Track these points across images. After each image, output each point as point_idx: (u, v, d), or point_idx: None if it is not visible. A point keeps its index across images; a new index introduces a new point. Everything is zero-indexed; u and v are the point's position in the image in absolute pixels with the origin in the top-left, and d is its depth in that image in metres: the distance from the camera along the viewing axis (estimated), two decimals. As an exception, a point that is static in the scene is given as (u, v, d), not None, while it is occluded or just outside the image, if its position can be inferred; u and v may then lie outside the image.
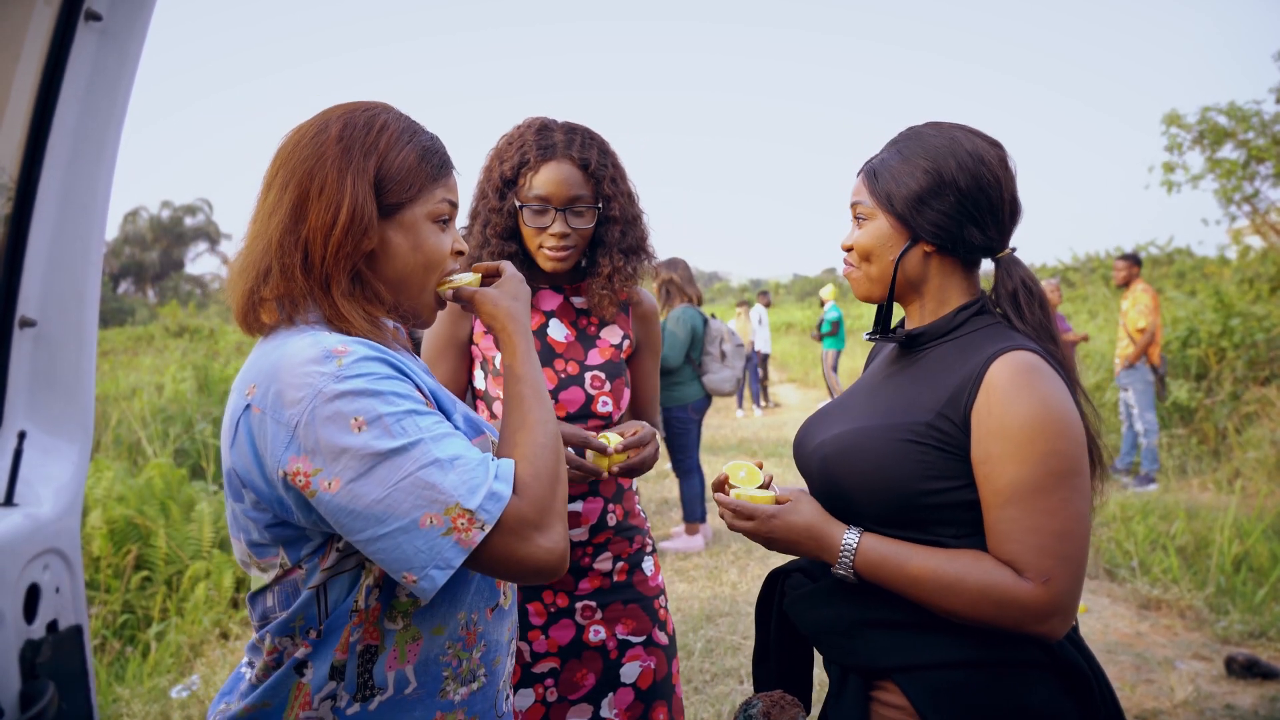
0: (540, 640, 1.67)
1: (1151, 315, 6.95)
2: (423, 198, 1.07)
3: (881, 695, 1.18)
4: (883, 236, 1.23)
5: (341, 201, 1.00)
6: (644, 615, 1.74)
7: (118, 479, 4.62)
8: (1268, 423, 6.94)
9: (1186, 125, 11.25)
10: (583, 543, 1.70)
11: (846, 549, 1.16)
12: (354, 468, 0.91)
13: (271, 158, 1.06)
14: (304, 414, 0.91)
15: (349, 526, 0.92)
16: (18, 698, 1.18)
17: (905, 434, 1.16)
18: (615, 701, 1.69)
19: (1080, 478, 1.10)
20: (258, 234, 1.03)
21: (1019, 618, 1.08)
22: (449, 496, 0.92)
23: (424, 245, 1.07)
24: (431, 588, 0.93)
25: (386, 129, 1.05)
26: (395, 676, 1.03)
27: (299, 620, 1.00)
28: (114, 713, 3.17)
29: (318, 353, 0.94)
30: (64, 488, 1.35)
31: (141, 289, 43.89)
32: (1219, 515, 5.02)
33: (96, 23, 1.34)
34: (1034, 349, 1.15)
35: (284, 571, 1.00)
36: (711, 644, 3.82)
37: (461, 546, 0.92)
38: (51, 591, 1.29)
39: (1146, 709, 3.17)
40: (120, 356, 12.94)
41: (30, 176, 1.33)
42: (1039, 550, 1.07)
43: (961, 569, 1.10)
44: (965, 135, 1.22)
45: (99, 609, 3.90)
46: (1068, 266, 18.03)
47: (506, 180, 1.65)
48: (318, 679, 1.00)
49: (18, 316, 1.34)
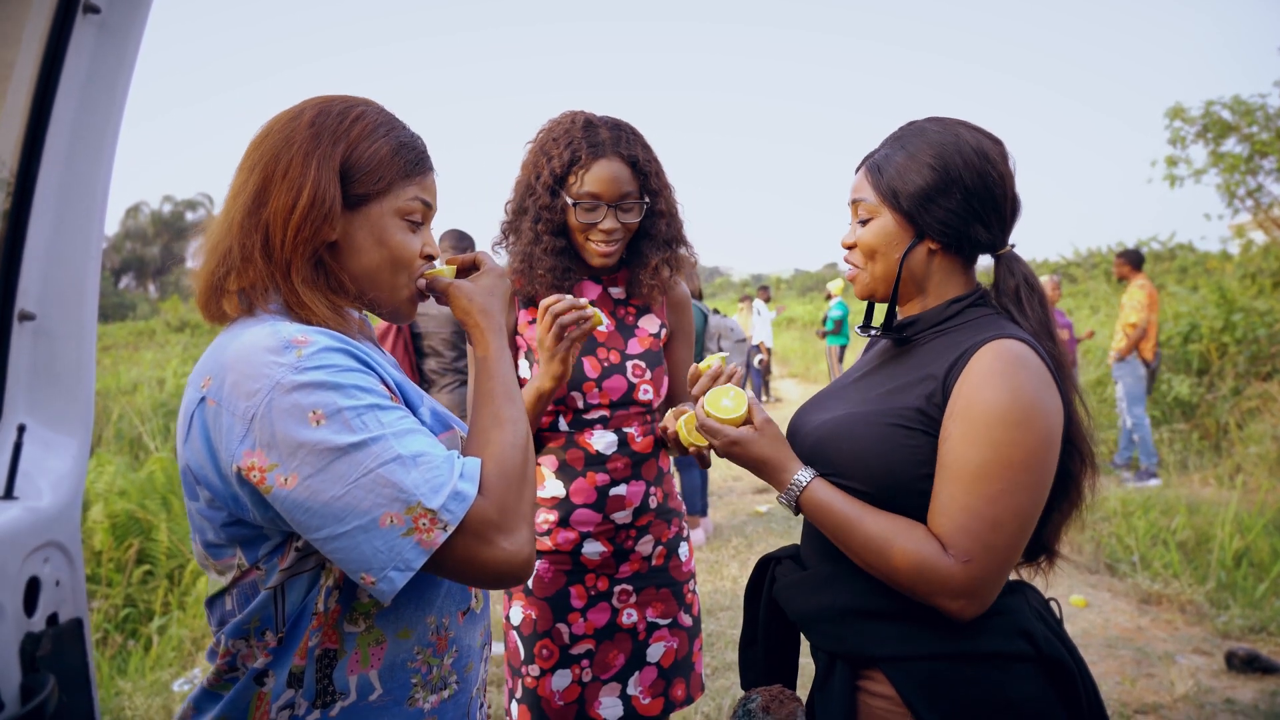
0: (579, 623, 1.73)
1: (1144, 311, 6.99)
2: (392, 193, 1.03)
3: (869, 684, 1.18)
4: (888, 234, 1.22)
5: (304, 185, 0.97)
6: (673, 600, 1.80)
7: (119, 473, 4.64)
8: (1269, 418, 6.94)
9: (1190, 119, 11.21)
10: (627, 525, 1.74)
11: (796, 484, 1.19)
12: (312, 463, 0.86)
13: (248, 146, 1.03)
14: (260, 406, 0.87)
15: (306, 524, 0.88)
16: (18, 690, 1.18)
17: (894, 419, 1.16)
18: (641, 679, 1.75)
19: (1032, 474, 1.08)
20: (223, 219, 1.01)
21: (933, 590, 1.09)
22: (411, 495, 0.88)
23: (389, 241, 1.03)
24: (390, 590, 0.88)
25: (362, 119, 1.03)
26: (358, 681, 0.98)
27: (254, 622, 0.96)
28: (116, 706, 3.18)
29: (276, 342, 0.90)
30: (64, 481, 1.35)
31: (142, 284, 43.91)
32: (1220, 510, 5.02)
33: (95, 16, 1.34)
34: (1025, 339, 1.14)
35: (241, 573, 0.96)
36: (712, 638, 3.83)
37: (422, 547, 0.88)
38: (52, 585, 1.29)
39: (1147, 703, 3.17)
40: (121, 351, 12.97)
41: (29, 170, 1.32)
42: (966, 531, 1.08)
43: (895, 530, 1.12)
44: (968, 131, 1.21)
45: (101, 603, 3.90)
46: (1070, 262, 18.00)
47: (557, 177, 1.68)
48: (276, 688, 0.96)
49: (17, 310, 1.34)
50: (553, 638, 1.72)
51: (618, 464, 1.73)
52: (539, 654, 1.72)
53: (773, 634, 1.38)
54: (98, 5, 1.33)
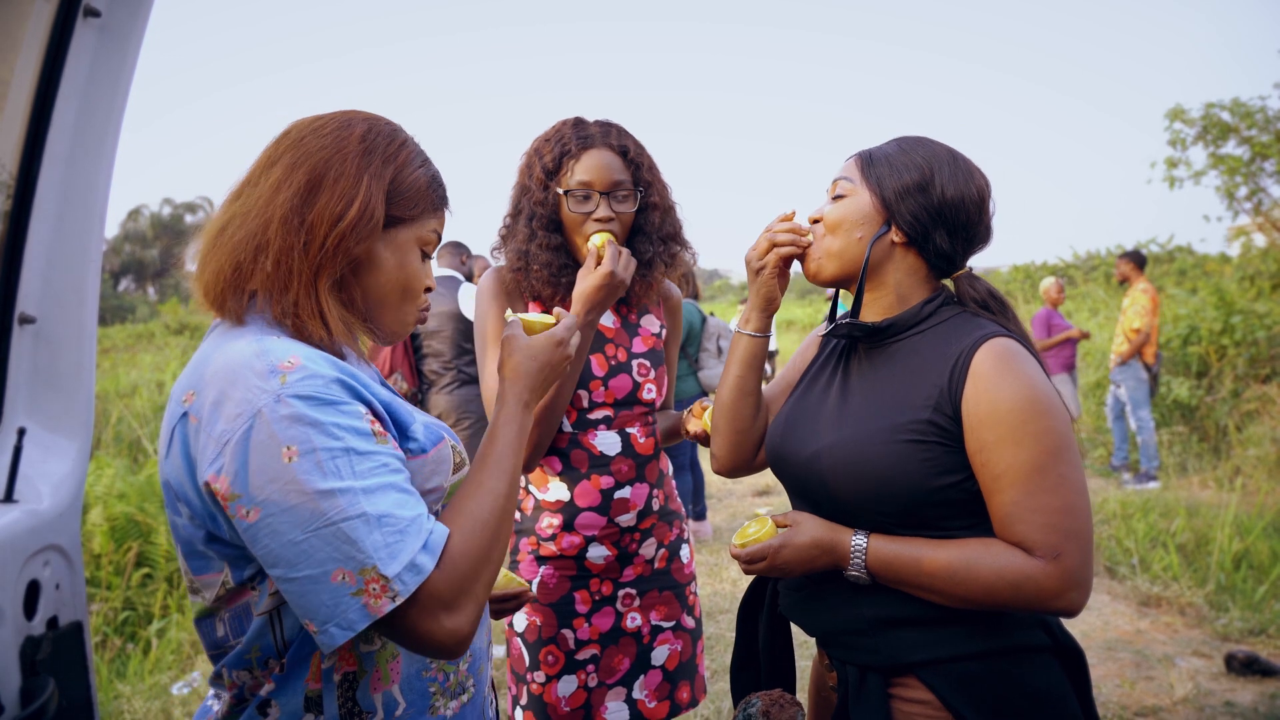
0: (584, 628, 1.72)
1: (1148, 316, 6.98)
2: (420, 221, 1.05)
3: (902, 691, 1.19)
4: (861, 213, 1.25)
5: (355, 196, 0.98)
6: (675, 602, 1.80)
7: (118, 476, 4.63)
8: (1268, 420, 6.94)
9: (1190, 120, 11.22)
10: (631, 528, 1.74)
11: (857, 551, 1.17)
12: (276, 501, 0.85)
13: (273, 140, 1.03)
14: (236, 433, 0.85)
15: (263, 558, 0.87)
16: (18, 694, 1.18)
17: (906, 434, 1.16)
18: (646, 683, 1.75)
19: (1072, 451, 1.12)
20: (252, 210, 0.98)
21: (1036, 596, 1.09)
22: (368, 557, 0.85)
23: (407, 267, 1.05)
24: (329, 644, 0.86)
25: (406, 146, 1.05)
26: (383, 699, 0.98)
27: (254, 651, 0.94)
28: (115, 709, 3.17)
29: (262, 365, 0.88)
30: (64, 484, 1.35)
31: (142, 286, 43.90)
32: (1219, 513, 5.02)
33: (95, 19, 1.34)
34: (1010, 334, 1.18)
35: (228, 592, 0.94)
36: (712, 641, 3.82)
37: (368, 611, 0.86)
38: (52, 588, 1.29)
39: (1146, 705, 3.17)
40: (121, 354, 12.96)
41: (29, 173, 1.33)
42: (1046, 528, 1.09)
43: (973, 557, 1.11)
44: (964, 157, 1.26)
45: (100, 606, 3.90)
46: (1068, 264, 18.01)
47: (549, 172, 1.68)
48: (289, 713, 0.94)
49: (17, 313, 1.34)
50: (558, 644, 1.71)
51: (621, 466, 1.72)
52: (545, 660, 1.71)
53: (774, 652, 1.39)
54: (98, 9, 1.33)
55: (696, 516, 5.56)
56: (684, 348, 5.30)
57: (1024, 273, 17.88)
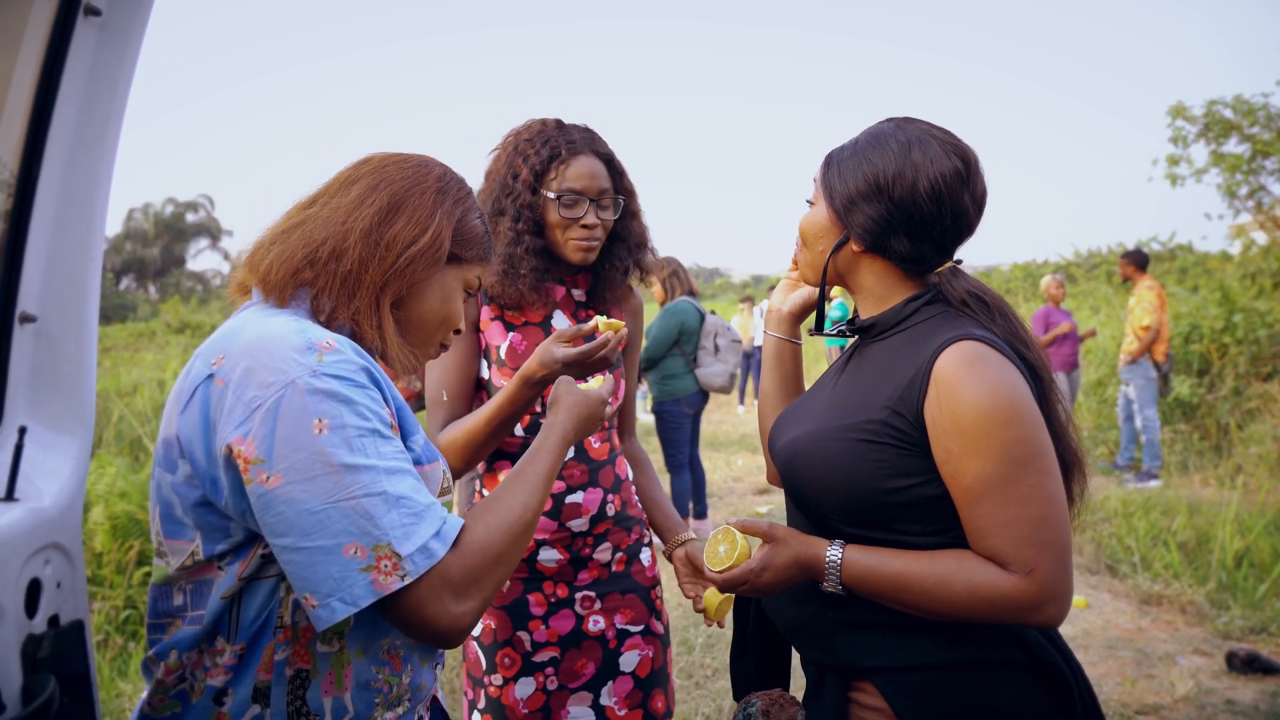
0: (540, 630, 1.69)
1: (1156, 312, 6.95)
2: (469, 265, 1.14)
3: (859, 696, 1.17)
4: (820, 226, 1.24)
5: (429, 226, 1.06)
6: (641, 605, 1.76)
7: (120, 475, 4.63)
8: (1270, 418, 6.94)
9: (1192, 118, 11.22)
10: (583, 533, 1.71)
11: (831, 565, 1.14)
12: (300, 470, 0.87)
13: (353, 163, 1.12)
14: (269, 399, 0.88)
15: (273, 527, 0.88)
16: (19, 692, 1.18)
17: (859, 434, 1.14)
18: (615, 689, 1.72)
19: (1045, 459, 1.07)
20: (333, 218, 1.05)
21: (1012, 612, 1.06)
22: (384, 534, 0.88)
23: (451, 303, 1.13)
24: (329, 618, 0.87)
25: (472, 196, 1.16)
26: (333, 704, 0.98)
27: (209, 632, 0.95)
28: (117, 708, 3.18)
29: (300, 341, 0.92)
30: (65, 483, 1.35)
31: (143, 285, 43.92)
32: (1220, 511, 5.02)
33: (96, 17, 1.34)
34: (982, 336, 1.11)
35: (194, 564, 0.95)
36: (713, 639, 3.82)
37: (375, 588, 0.87)
38: (53, 586, 1.29)
39: (1148, 704, 3.17)
40: (122, 353, 12.97)
41: (30, 172, 1.33)
42: (1018, 541, 1.05)
43: (947, 571, 1.08)
44: (924, 142, 1.16)
45: (102, 605, 3.90)
46: (1070, 262, 17.99)
47: (537, 174, 1.68)
48: (237, 704, 0.94)
49: (18, 312, 1.34)
50: (514, 646, 1.69)
51: (574, 471, 1.71)
52: (501, 663, 1.70)
53: (763, 643, 1.37)
54: (99, 7, 1.33)
55: (698, 515, 5.56)
56: (681, 345, 5.30)
57: (1025, 270, 17.87)
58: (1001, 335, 1.16)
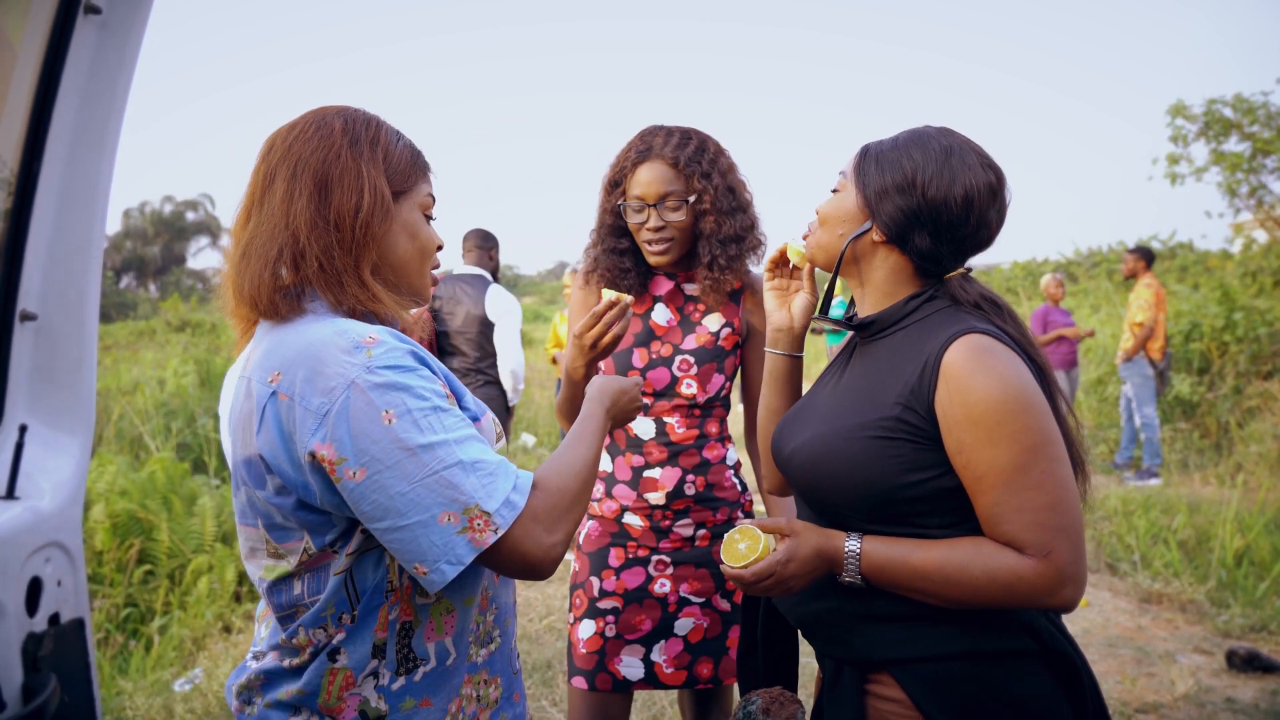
0: (611, 580, 1.86)
1: (1151, 310, 6.96)
2: (414, 190, 1.13)
3: (877, 688, 1.19)
4: (845, 210, 1.26)
5: (364, 186, 1.06)
6: (711, 580, 1.86)
7: (120, 473, 4.63)
8: (1270, 417, 6.94)
9: (1191, 116, 11.20)
10: (661, 506, 1.86)
11: (850, 556, 1.16)
12: (381, 460, 0.94)
13: (260, 157, 1.09)
14: (335, 403, 0.94)
15: (369, 514, 0.95)
16: (20, 690, 1.19)
17: (874, 431, 1.16)
18: (666, 649, 1.85)
19: (1055, 445, 1.10)
20: (275, 226, 1.04)
21: (1029, 596, 1.08)
22: (470, 498, 0.96)
23: (419, 233, 1.13)
24: (441, 580, 0.96)
25: (381, 127, 1.12)
26: (436, 648, 1.08)
27: (329, 608, 1.02)
28: (117, 705, 3.18)
29: (346, 342, 0.97)
30: (65, 481, 1.36)
31: (143, 283, 43.92)
32: (1221, 509, 5.02)
33: (96, 16, 1.34)
34: (987, 329, 1.15)
35: (309, 557, 1.02)
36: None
37: (474, 545, 0.96)
38: (53, 584, 1.29)
39: (1147, 702, 3.17)
40: (122, 351, 12.95)
41: (30, 170, 1.33)
42: (1033, 526, 1.08)
43: (965, 558, 1.10)
44: (964, 152, 1.20)
45: (102, 603, 3.91)
46: (1070, 260, 17.99)
47: (614, 183, 1.86)
48: (357, 659, 1.03)
49: (18, 310, 1.34)
50: (585, 589, 1.88)
51: (652, 450, 1.86)
52: (574, 602, 1.90)
53: (771, 638, 1.38)
54: (99, 6, 1.33)
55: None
56: None
57: (1025, 269, 17.86)
58: (1014, 332, 1.20)
